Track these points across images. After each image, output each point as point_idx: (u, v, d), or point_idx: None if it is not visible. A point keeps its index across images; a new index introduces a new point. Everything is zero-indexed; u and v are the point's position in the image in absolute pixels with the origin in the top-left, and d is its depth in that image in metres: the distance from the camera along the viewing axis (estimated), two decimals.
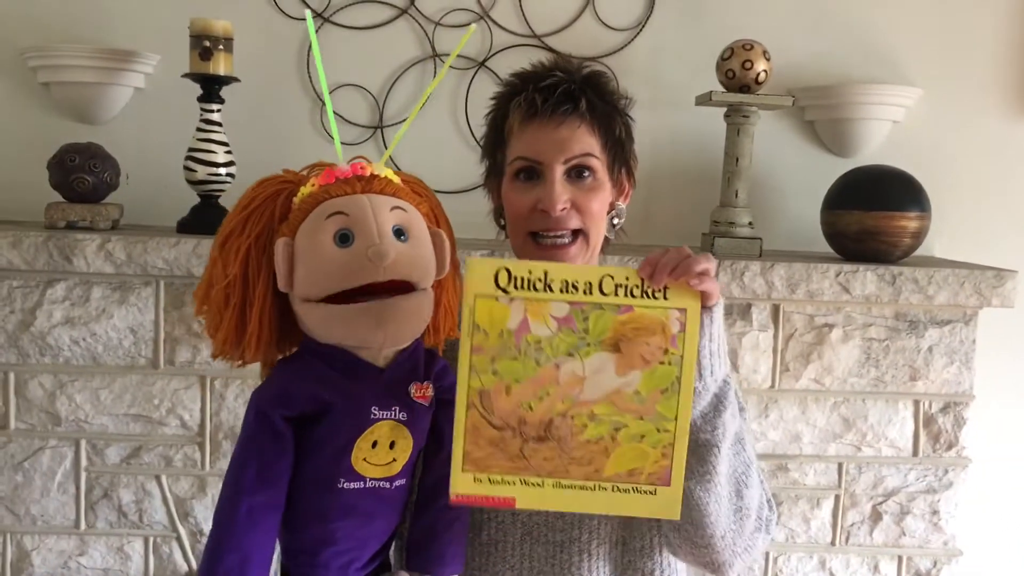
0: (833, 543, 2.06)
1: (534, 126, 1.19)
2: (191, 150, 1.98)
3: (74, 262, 1.87)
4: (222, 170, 1.98)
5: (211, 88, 1.98)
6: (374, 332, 1.03)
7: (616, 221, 1.28)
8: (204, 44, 1.93)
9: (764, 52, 2.03)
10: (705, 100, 2.06)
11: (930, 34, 2.26)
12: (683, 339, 1.00)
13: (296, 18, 2.17)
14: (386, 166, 1.13)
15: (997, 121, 2.30)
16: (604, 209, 1.22)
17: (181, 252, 1.87)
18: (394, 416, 1.07)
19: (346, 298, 1.03)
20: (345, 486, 1.06)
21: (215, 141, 1.98)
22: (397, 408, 1.07)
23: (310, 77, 2.20)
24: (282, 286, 1.05)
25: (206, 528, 1.97)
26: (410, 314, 1.05)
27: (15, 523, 1.95)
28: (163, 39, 2.12)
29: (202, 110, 1.99)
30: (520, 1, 2.22)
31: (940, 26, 2.26)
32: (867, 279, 1.95)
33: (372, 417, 1.06)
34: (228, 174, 1.99)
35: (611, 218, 1.27)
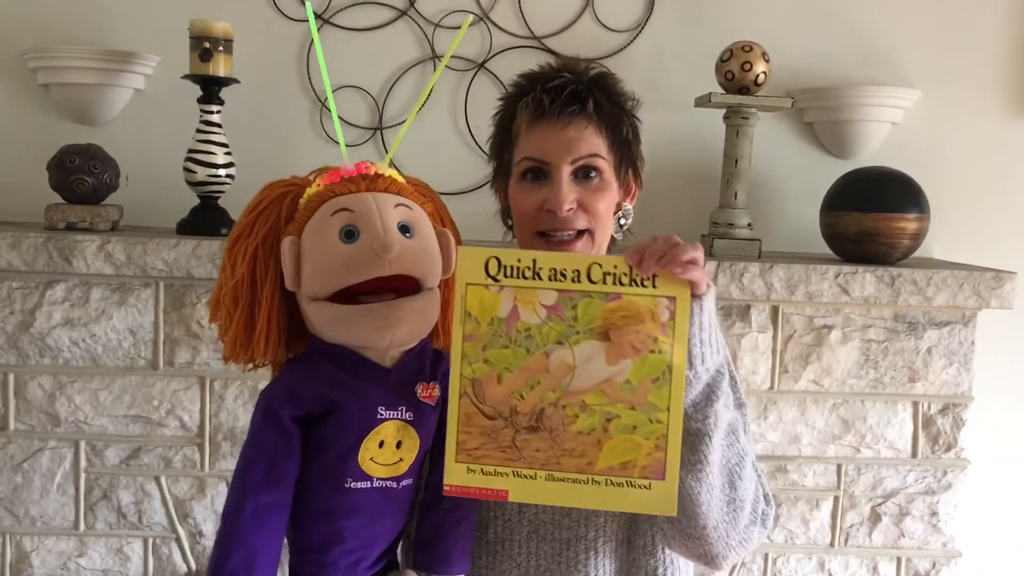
0: (832, 544, 2.06)
1: (541, 127, 1.19)
2: (191, 151, 1.97)
3: (74, 263, 1.86)
4: (222, 171, 1.97)
5: (211, 89, 1.97)
6: (380, 333, 1.04)
7: (623, 222, 1.29)
8: (204, 45, 1.93)
9: (763, 54, 2.03)
10: (704, 102, 2.06)
11: (929, 35, 2.27)
12: (673, 327, 1.00)
13: (296, 19, 2.17)
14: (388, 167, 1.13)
15: (996, 123, 2.30)
16: (610, 209, 1.23)
17: (181, 253, 1.87)
18: (401, 416, 1.08)
19: (353, 298, 1.03)
20: (352, 485, 1.06)
21: (215, 142, 1.98)
22: (404, 408, 1.08)
23: (310, 78, 2.20)
24: (289, 285, 1.06)
25: (205, 529, 1.97)
26: (416, 315, 1.06)
27: (14, 524, 1.95)
28: (163, 40, 2.12)
29: (202, 111, 1.98)
30: (520, 2, 2.22)
31: (939, 27, 2.27)
32: (866, 280, 1.95)
33: (379, 417, 1.06)
34: (228, 175, 1.98)
35: (618, 219, 1.27)
